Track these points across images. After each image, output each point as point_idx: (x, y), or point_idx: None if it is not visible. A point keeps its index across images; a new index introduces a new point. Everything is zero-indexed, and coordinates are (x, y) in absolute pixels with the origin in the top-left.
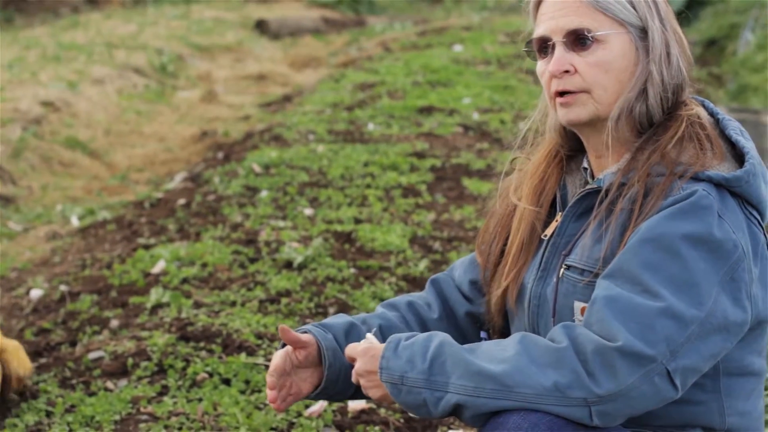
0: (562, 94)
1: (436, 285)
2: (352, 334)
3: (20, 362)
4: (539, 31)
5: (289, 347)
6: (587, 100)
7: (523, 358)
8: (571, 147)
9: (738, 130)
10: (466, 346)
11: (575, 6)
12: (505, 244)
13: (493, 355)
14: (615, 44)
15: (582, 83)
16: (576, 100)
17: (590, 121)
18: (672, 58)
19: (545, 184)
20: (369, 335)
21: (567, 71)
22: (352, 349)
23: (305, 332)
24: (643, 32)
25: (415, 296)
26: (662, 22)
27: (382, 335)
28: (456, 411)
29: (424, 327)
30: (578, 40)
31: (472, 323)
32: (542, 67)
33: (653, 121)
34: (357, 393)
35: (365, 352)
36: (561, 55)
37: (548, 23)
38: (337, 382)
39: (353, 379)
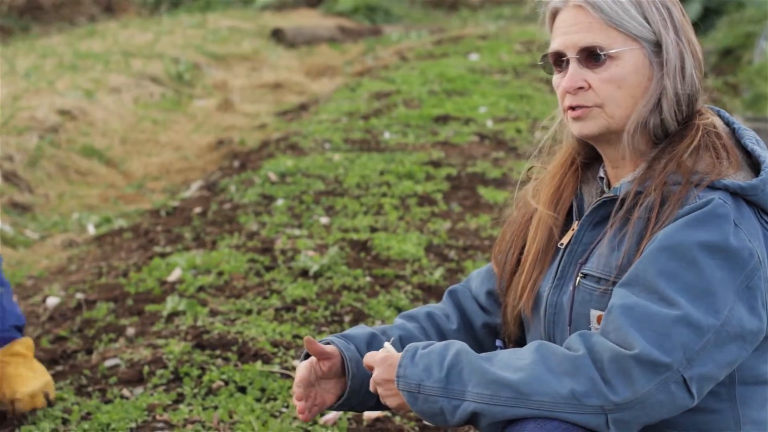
0: (574, 107)
1: (454, 296)
2: (374, 344)
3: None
4: (554, 46)
5: (313, 358)
6: (599, 114)
7: (539, 366)
8: (588, 155)
9: (754, 139)
10: (483, 354)
11: (588, 22)
12: (521, 253)
13: (510, 363)
14: (629, 60)
15: (596, 98)
16: (588, 114)
17: (602, 135)
18: (686, 71)
19: (562, 191)
20: (387, 344)
21: (581, 87)
22: (370, 357)
23: (328, 343)
24: (657, 46)
25: (434, 307)
26: (677, 34)
27: (402, 345)
28: (473, 419)
29: (443, 338)
30: (591, 56)
31: (490, 334)
32: (557, 80)
33: (668, 132)
34: (378, 404)
35: (383, 361)
36: (575, 72)
37: (563, 38)
38: (360, 393)
39: (371, 387)
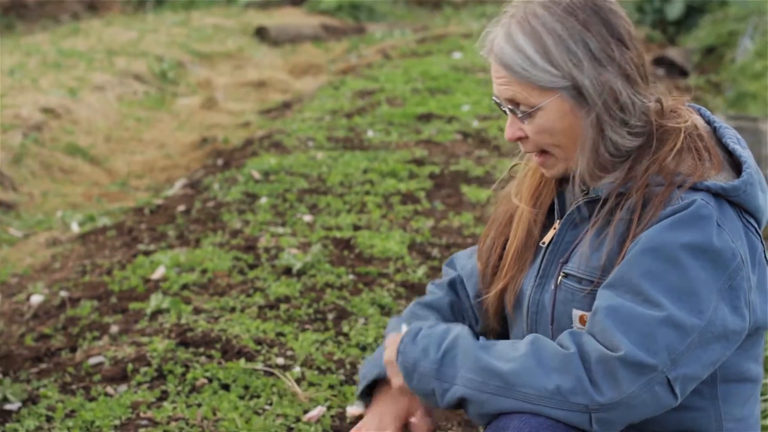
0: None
1: (454, 288)
2: None
3: None
4: (494, 90)
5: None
6: (554, 161)
7: (531, 359)
8: None
9: (735, 139)
10: (481, 342)
11: (505, 78)
12: (503, 249)
13: (505, 353)
14: (550, 110)
15: (535, 147)
16: (546, 163)
17: (568, 172)
18: (621, 97)
19: (542, 188)
20: (404, 327)
21: (520, 137)
22: (387, 354)
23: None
24: (576, 88)
25: (446, 295)
26: (599, 64)
27: None
28: (461, 404)
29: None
30: (515, 112)
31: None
32: None
33: (631, 147)
34: None
35: (393, 342)
36: (512, 122)
37: (495, 86)
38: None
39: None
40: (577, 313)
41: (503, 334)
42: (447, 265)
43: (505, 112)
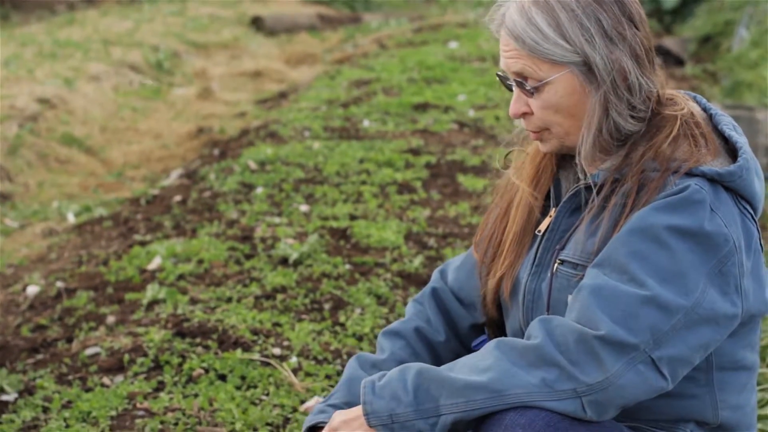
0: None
1: (437, 299)
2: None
3: None
4: (500, 64)
5: None
6: (549, 136)
7: (504, 362)
8: None
9: (731, 125)
10: (443, 366)
11: (516, 51)
12: (502, 238)
13: (474, 366)
14: (559, 85)
15: (539, 123)
16: (542, 137)
17: (563, 148)
18: (630, 78)
19: (541, 173)
20: (316, 398)
21: (525, 113)
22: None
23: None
24: (587, 65)
25: (417, 316)
26: (611, 42)
27: None
28: (453, 429)
29: (434, 353)
30: (523, 85)
31: (477, 335)
32: None
33: (630, 132)
34: None
35: (338, 414)
36: (517, 97)
37: (503, 60)
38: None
39: None
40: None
41: (502, 322)
42: (438, 271)
43: (510, 87)
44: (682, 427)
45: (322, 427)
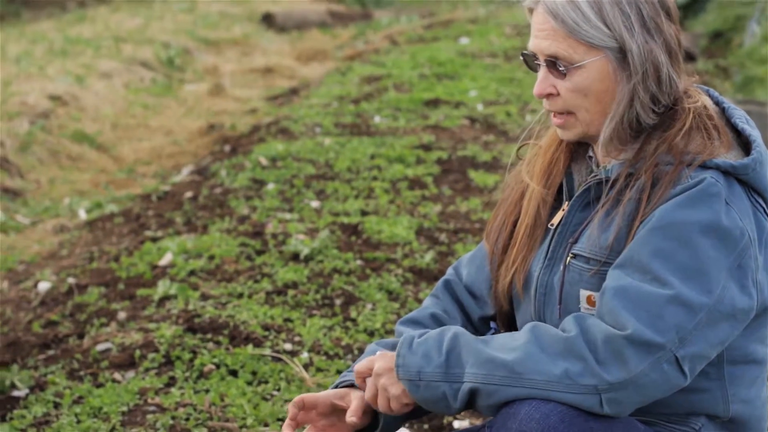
0: (554, 113)
1: (451, 290)
2: None
3: None
4: (529, 45)
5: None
6: (574, 122)
7: (533, 346)
8: None
9: (744, 119)
10: (480, 337)
11: (552, 31)
12: (513, 231)
13: (506, 344)
14: (592, 69)
15: (565, 106)
16: (565, 124)
17: (583, 137)
18: (661, 70)
19: (553, 167)
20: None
21: (550, 93)
22: (360, 365)
23: (350, 386)
24: (622, 52)
25: (433, 305)
26: (648, 33)
27: None
28: (471, 399)
29: None
30: (555, 66)
31: (486, 327)
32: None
33: (646, 125)
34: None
35: (382, 356)
36: (544, 77)
37: (534, 41)
38: (396, 418)
39: (368, 393)
40: (584, 293)
41: (513, 314)
42: (452, 267)
43: (535, 67)
44: (693, 421)
45: (349, 386)
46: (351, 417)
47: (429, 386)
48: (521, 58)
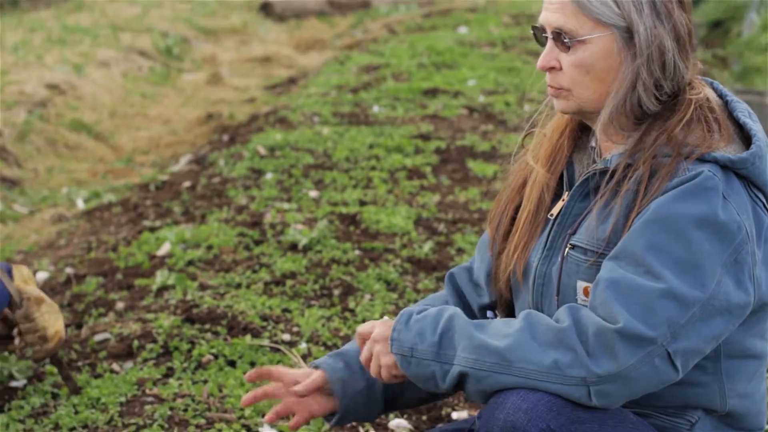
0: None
1: (452, 280)
2: None
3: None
4: (540, 18)
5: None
6: (569, 96)
7: (525, 334)
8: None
9: (746, 112)
10: (476, 321)
11: (562, 4)
12: (515, 217)
13: (499, 330)
14: (597, 46)
15: (564, 81)
16: (559, 95)
17: (579, 112)
18: (666, 56)
19: (557, 153)
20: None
21: (553, 67)
22: (363, 326)
23: (316, 367)
24: (629, 32)
25: (433, 298)
26: (657, 17)
27: None
28: (460, 383)
29: None
30: (561, 39)
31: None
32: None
33: (649, 112)
34: (386, 410)
35: (383, 323)
36: (549, 51)
37: (544, 14)
38: (355, 408)
39: (363, 355)
40: (581, 284)
41: (512, 302)
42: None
43: (543, 41)
44: (689, 414)
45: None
46: (297, 387)
47: (420, 364)
48: (531, 32)
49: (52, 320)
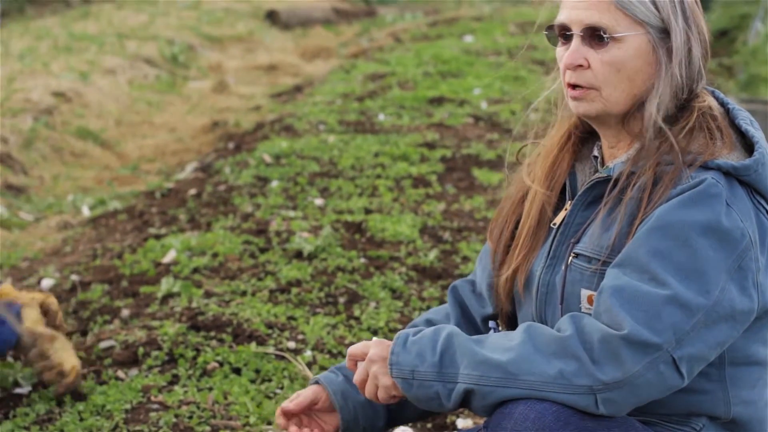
0: (574, 86)
1: (455, 293)
2: None
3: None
4: (561, 18)
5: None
6: (596, 97)
7: (527, 346)
8: (585, 129)
9: (748, 120)
10: (474, 337)
11: (597, 1)
12: (515, 228)
13: (500, 344)
14: (631, 44)
15: (593, 80)
16: (586, 96)
17: (599, 116)
18: (693, 59)
19: (557, 168)
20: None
21: (581, 65)
22: (355, 347)
23: (316, 382)
24: (664, 33)
25: (434, 312)
26: (686, 21)
27: None
28: (466, 400)
29: None
30: (595, 36)
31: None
32: (561, 53)
33: (666, 114)
34: (390, 423)
35: (379, 343)
36: (576, 48)
37: (570, 12)
38: (358, 420)
39: (358, 377)
40: (585, 293)
41: (514, 314)
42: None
43: (555, 41)
44: (694, 422)
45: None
46: (287, 404)
47: (422, 385)
48: (544, 32)
49: (66, 356)
